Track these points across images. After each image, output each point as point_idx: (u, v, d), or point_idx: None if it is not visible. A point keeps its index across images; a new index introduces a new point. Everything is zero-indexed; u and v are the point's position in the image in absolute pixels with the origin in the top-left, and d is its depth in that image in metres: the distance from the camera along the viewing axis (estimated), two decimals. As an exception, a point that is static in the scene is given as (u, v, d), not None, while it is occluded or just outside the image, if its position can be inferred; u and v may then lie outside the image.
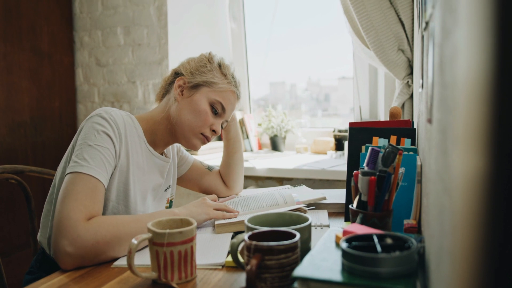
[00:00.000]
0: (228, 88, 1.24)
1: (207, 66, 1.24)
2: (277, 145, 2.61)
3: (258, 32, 2.93)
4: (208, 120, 1.22)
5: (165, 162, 1.26)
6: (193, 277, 0.85)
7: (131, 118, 1.18)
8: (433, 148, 0.59)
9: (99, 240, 0.93)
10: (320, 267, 0.67)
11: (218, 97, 1.22)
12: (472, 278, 0.29)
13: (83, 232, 0.93)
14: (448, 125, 0.41)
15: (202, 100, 1.21)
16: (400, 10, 1.84)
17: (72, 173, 1.00)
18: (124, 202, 1.13)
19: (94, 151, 1.03)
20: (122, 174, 1.12)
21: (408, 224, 0.89)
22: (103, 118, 1.09)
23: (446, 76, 0.42)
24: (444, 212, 0.43)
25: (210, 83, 1.22)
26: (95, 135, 1.06)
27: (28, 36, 2.45)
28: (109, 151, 1.06)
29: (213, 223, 1.16)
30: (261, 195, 1.33)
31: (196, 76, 1.22)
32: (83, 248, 0.92)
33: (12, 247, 2.30)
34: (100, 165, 1.03)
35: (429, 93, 0.63)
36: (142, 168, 1.18)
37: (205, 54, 1.29)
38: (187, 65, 1.25)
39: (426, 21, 0.73)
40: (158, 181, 1.25)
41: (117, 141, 1.09)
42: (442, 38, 0.46)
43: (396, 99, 1.91)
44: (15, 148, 2.38)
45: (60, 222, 0.94)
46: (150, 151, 1.21)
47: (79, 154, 1.03)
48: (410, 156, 1.01)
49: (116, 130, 1.09)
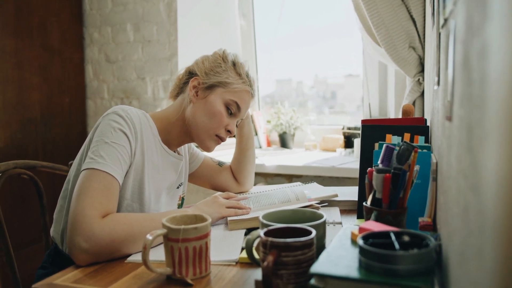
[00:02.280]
0: (243, 88, 1.23)
1: (222, 65, 1.23)
2: (286, 142, 2.60)
3: (265, 30, 2.92)
4: (223, 121, 1.22)
5: (179, 160, 1.27)
6: (207, 273, 0.85)
7: (146, 117, 1.19)
8: (453, 145, 0.59)
9: (114, 238, 0.94)
10: (337, 264, 0.67)
11: (233, 97, 1.22)
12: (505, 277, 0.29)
13: (98, 230, 0.93)
14: (475, 122, 0.41)
15: (217, 101, 1.20)
16: (411, 7, 1.83)
17: (88, 169, 1.01)
18: (139, 200, 1.14)
19: (111, 148, 1.04)
20: (137, 173, 1.12)
21: (423, 221, 0.88)
22: (119, 116, 1.09)
23: (473, 73, 0.42)
24: (469, 210, 0.43)
25: (225, 83, 1.21)
26: (112, 133, 1.06)
27: (38, 33, 2.46)
28: (125, 149, 1.06)
29: (226, 220, 1.16)
30: (273, 192, 1.33)
31: (211, 76, 1.21)
32: (98, 246, 0.93)
33: (24, 242, 2.32)
34: (116, 162, 1.03)
35: (448, 90, 0.62)
36: (157, 167, 1.19)
37: (219, 53, 1.27)
38: (201, 64, 1.24)
39: (444, 18, 0.72)
40: (173, 178, 1.26)
41: (133, 139, 1.09)
42: (467, 34, 0.46)
43: (407, 97, 1.90)
44: (25, 144, 2.39)
45: (76, 219, 0.95)
46: (165, 150, 1.21)
47: (95, 150, 1.03)
48: (424, 154, 1.01)
49: (132, 128, 1.09)
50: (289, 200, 1.23)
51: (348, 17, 2.05)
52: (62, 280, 0.86)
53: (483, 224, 0.35)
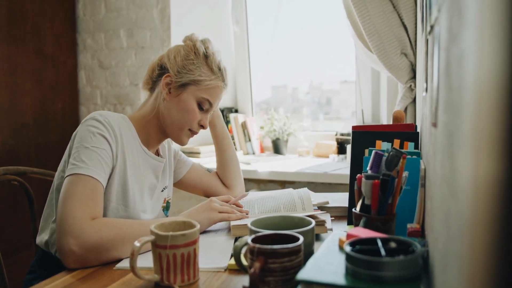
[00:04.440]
0: (215, 84, 1.24)
1: (194, 61, 1.23)
2: (279, 148, 2.60)
3: (260, 36, 2.93)
4: (196, 117, 1.24)
5: (159, 162, 1.28)
6: (195, 280, 0.85)
7: (125, 120, 1.20)
8: (438, 151, 0.59)
9: (104, 237, 0.95)
10: (324, 270, 0.67)
11: (205, 95, 1.23)
12: (481, 283, 0.29)
13: (88, 229, 0.95)
14: (455, 128, 0.41)
15: (189, 99, 1.22)
16: (403, 13, 1.85)
17: (72, 175, 1.02)
18: (123, 201, 1.15)
19: (91, 153, 1.05)
20: (120, 176, 1.13)
21: (411, 228, 0.88)
22: (97, 121, 1.10)
23: (453, 79, 0.42)
24: (450, 216, 0.43)
25: (197, 81, 1.22)
26: (91, 137, 1.07)
27: (32, 38, 2.46)
28: (106, 152, 1.08)
29: (230, 225, 1.15)
30: (279, 196, 1.29)
31: (183, 75, 1.22)
32: (87, 245, 0.94)
33: (14, 249, 2.30)
34: (98, 165, 1.05)
35: (434, 96, 0.62)
36: (138, 168, 1.20)
37: (190, 44, 1.26)
38: (173, 61, 1.24)
39: (431, 25, 0.73)
40: (152, 181, 1.26)
41: (113, 142, 1.10)
42: (448, 41, 0.46)
43: (399, 103, 1.91)
44: (18, 150, 2.38)
45: (65, 221, 0.96)
46: (145, 151, 1.23)
47: (76, 156, 1.05)
48: (413, 160, 1.01)
49: (111, 132, 1.10)
50: (295, 209, 1.21)
51: (343, 22, 2.06)
52: (51, 287, 0.86)
53: (462, 230, 0.36)
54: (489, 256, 0.28)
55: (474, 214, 0.29)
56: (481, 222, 0.27)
